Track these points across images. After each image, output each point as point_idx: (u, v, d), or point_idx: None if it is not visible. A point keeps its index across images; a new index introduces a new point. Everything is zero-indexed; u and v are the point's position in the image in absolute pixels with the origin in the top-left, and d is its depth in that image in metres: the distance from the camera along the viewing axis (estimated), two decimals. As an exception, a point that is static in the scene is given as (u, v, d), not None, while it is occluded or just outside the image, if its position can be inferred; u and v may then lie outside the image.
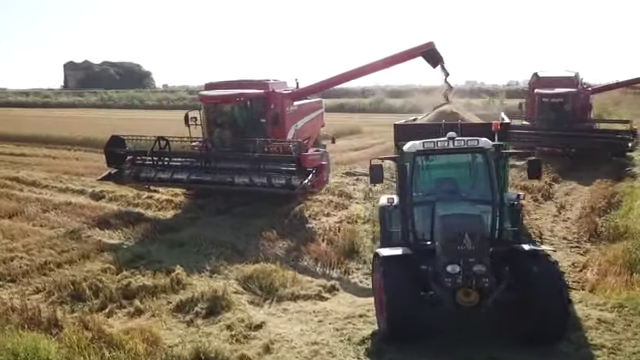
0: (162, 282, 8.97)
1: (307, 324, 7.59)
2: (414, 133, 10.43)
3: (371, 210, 14.13)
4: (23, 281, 9.50)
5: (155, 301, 8.46)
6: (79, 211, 14.50)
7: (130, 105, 68.53)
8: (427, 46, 14.10)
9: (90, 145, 27.80)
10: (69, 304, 8.48)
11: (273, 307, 8.29)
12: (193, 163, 14.55)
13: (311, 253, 10.73)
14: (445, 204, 7.31)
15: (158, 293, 8.73)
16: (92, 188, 17.38)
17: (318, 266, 10.21)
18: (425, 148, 7.63)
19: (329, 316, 7.76)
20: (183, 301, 8.25)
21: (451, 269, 6.35)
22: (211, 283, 8.94)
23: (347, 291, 8.92)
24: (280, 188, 13.19)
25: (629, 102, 37.24)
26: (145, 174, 14.60)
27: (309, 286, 8.89)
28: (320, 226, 12.94)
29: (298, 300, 8.46)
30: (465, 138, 7.61)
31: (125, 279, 9.10)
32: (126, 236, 12.26)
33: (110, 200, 15.96)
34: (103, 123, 38.67)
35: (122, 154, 14.64)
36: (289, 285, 8.87)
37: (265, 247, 11.34)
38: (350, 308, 8.01)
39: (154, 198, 15.69)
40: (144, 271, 9.49)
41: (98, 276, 9.17)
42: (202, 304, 8.16)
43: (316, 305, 8.26)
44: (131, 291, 8.66)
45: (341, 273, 9.83)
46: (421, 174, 7.90)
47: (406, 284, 6.43)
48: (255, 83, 15.57)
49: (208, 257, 10.62)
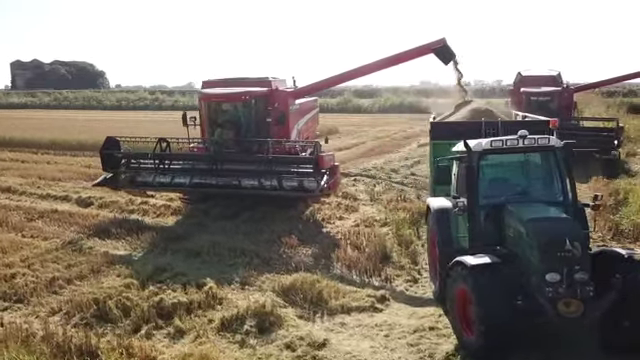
0: (196, 297, 8.16)
1: (374, 340, 6.98)
2: (452, 131, 10.09)
3: (385, 212, 13.69)
4: (33, 301, 8.45)
5: (194, 319, 7.64)
6: (70, 219, 13.35)
7: (87, 106, 65.72)
8: (439, 43, 13.73)
9: (59, 148, 26.34)
10: (96, 326, 7.53)
11: (327, 321, 7.63)
12: (194, 165, 13.65)
13: (341, 260, 10.12)
14: (522, 207, 6.87)
15: (194, 310, 7.92)
16: (76, 194, 16.17)
17: (354, 274, 9.62)
18: (493, 147, 7.17)
19: (394, 330, 7.18)
20: (227, 318, 7.47)
21: (551, 277, 5.89)
22: (251, 297, 8.19)
23: (398, 301, 8.36)
24: (295, 191, 12.51)
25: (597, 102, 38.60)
26: (142, 178, 13.58)
27: (358, 296, 8.27)
28: (337, 230, 12.36)
29: (352, 312, 7.83)
30: (535, 136, 7.19)
31: (155, 295, 8.21)
32: (132, 246, 11.29)
33: (100, 207, 14.82)
34: (67, 125, 36.78)
35: (119, 157, 13.56)
36: (337, 296, 8.23)
37: (289, 254, 10.65)
38: (413, 320, 7.46)
39: (150, 204, 14.70)
40: (172, 285, 8.62)
41: (123, 293, 8.23)
42: (250, 321, 7.42)
43: (374, 318, 7.66)
44: (165, 309, 7.79)
45: (382, 281, 9.27)
46: (486, 174, 7.43)
47: (501, 294, 5.93)
48: (257, 81, 14.79)
49: (233, 267, 9.87)
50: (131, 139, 14.40)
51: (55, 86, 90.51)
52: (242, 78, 15.18)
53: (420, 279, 9.36)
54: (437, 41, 13.73)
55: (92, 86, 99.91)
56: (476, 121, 10.06)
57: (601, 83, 26.43)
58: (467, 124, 10.21)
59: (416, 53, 14.08)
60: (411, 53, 14.13)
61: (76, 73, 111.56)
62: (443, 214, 7.99)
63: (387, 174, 19.64)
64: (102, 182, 13.43)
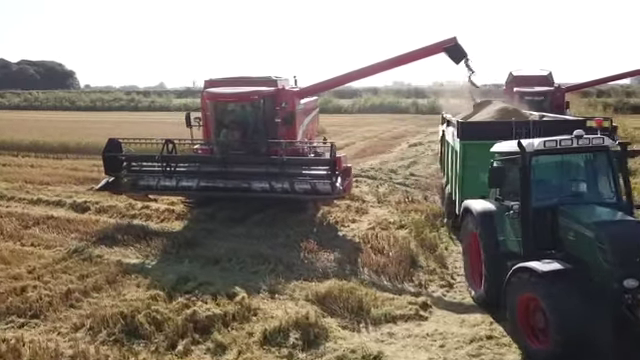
0: (230, 309, 7.68)
1: (429, 351, 6.65)
2: (483, 131, 9.85)
3: (397, 214, 13.42)
4: (50, 316, 7.83)
5: (232, 332, 7.17)
6: (69, 226, 12.64)
7: (60, 106, 63.77)
8: (450, 41, 13.49)
9: (40, 150, 25.25)
10: (127, 343, 7.00)
11: (373, 331, 7.26)
12: (200, 168, 13.11)
13: (368, 265, 9.77)
14: (580, 209, 6.65)
15: (230, 322, 7.44)
16: (69, 198, 15.40)
17: (384, 280, 9.27)
18: (547, 147, 6.92)
19: (448, 339, 6.86)
20: (270, 331, 7.03)
21: (629, 284, 5.66)
22: (287, 307, 7.77)
23: (439, 307, 8.05)
24: (309, 194, 12.14)
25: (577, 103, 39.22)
26: (145, 182, 12.97)
27: (399, 304, 7.91)
28: (354, 233, 12.01)
29: (397, 321, 7.48)
30: (590, 136, 6.98)
31: (185, 308, 7.70)
32: (143, 254, 10.70)
33: (98, 212, 14.12)
34: (44, 126, 35.41)
35: (122, 159, 12.91)
36: (377, 304, 7.87)
37: (310, 260, 10.25)
38: (465, 329, 7.15)
39: (152, 208, 14.06)
40: (201, 296, 8.12)
41: (152, 306, 7.69)
42: (294, 333, 7.00)
43: (422, 326, 7.33)
44: (200, 322, 7.30)
45: (416, 287, 8.95)
46: (536, 175, 7.17)
47: (576, 302, 5.68)
48: (262, 80, 14.31)
49: (257, 275, 9.40)
50: (133, 140, 13.70)
51: (23, 86, 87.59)
52: (246, 77, 14.67)
53: (455, 284, 9.09)
54: (448, 40, 13.49)
55: (62, 86, 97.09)
56: (507, 121, 9.85)
57: (591, 83, 26.78)
58: (497, 124, 9.97)
59: (427, 52, 13.81)
60: (421, 52, 13.85)
61: (45, 73, 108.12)
62: (487, 217, 7.73)
63: (387, 175, 19.40)
64: (104, 186, 12.76)
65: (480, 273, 8.18)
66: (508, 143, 7.91)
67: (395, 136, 32.96)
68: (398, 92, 64.14)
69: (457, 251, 10.74)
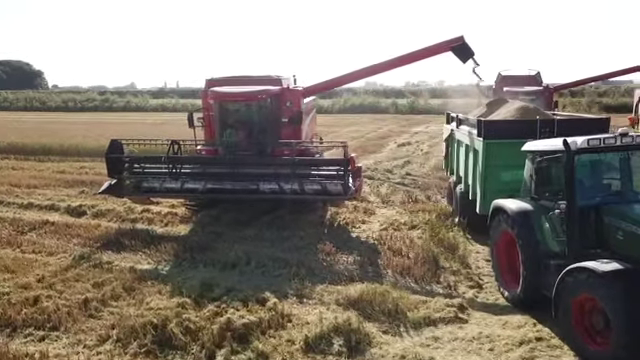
0: (264, 315, 7.38)
1: (480, 355, 6.48)
2: (507, 130, 9.78)
3: (406, 215, 13.29)
4: (71, 328, 7.36)
5: (271, 340, 6.87)
6: (68, 231, 12.10)
7: (30, 107, 61.89)
8: (457, 40, 13.38)
9: (20, 152, 24.37)
10: (160, 355, 6.63)
11: (416, 336, 7.05)
12: (205, 169, 12.70)
13: (392, 267, 9.58)
14: (629, 207, 6.59)
15: (266, 329, 7.14)
16: (62, 202, 14.81)
17: (410, 281, 9.08)
18: (590, 145, 6.84)
19: (496, 342, 6.70)
20: (311, 338, 6.76)
21: None
22: (321, 312, 7.51)
23: (476, 309, 7.89)
24: (321, 194, 11.91)
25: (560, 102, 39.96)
26: (149, 184, 12.49)
27: (436, 307, 7.71)
28: (367, 235, 11.82)
29: (438, 324, 7.30)
30: (633, 134, 6.93)
31: (217, 315, 7.37)
32: (154, 259, 10.28)
33: (96, 216, 13.59)
34: (19, 127, 34.16)
35: (126, 161, 12.41)
36: (413, 307, 7.68)
37: (329, 262, 10.01)
38: (510, 330, 7.01)
39: (153, 212, 13.61)
40: (231, 303, 7.78)
41: (183, 314, 7.32)
42: (337, 339, 6.76)
43: (465, 329, 7.15)
44: (237, 330, 6.97)
45: (445, 288, 8.79)
46: (578, 174, 7.09)
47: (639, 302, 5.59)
48: (267, 79, 13.98)
49: (280, 279, 9.13)
50: (137, 141, 13.20)
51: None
52: (249, 76, 14.30)
53: (483, 284, 8.97)
54: (456, 39, 13.38)
55: (30, 86, 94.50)
56: (531, 119, 9.79)
57: (577, 82, 27.22)
58: (522, 122, 9.90)
59: (433, 51, 13.69)
60: (428, 51, 13.72)
61: (12, 73, 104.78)
62: (525, 217, 7.62)
63: (384, 175, 19.32)
64: (107, 190, 12.21)
65: (514, 273, 8.10)
66: (543, 142, 7.82)
67: (381, 136, 32.96)
68: (376, 93, 64.34)
69: (475, 251, 10.68)
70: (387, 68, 14.18)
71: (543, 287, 7.22)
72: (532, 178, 7.88)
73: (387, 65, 14.04)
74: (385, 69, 14.30)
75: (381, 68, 14.22)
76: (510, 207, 7.89)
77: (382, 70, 14.33)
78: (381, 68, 14.22)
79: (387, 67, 14.13)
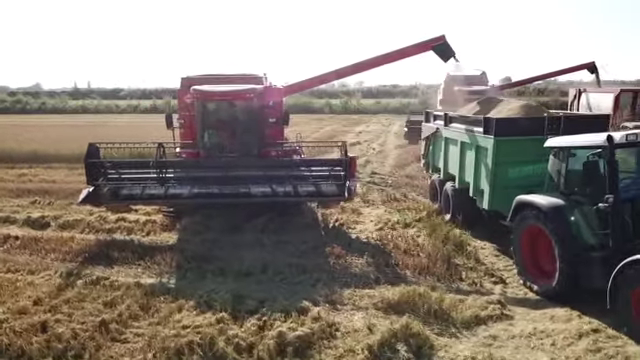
0: (312, 326, 6.98)
1: (545, 350, 6.48)
2: (516, 128, 9.98)
3: (394, 214, 13.31)
4: (99, 355, 6.55)
5: (331, 351, 6.51)
6: (40, 245, 10.92)
7: None
8: (439, 40, 13.57)
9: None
10: (217, 377, 6.06)
11: (472, 336, 6.96)
12: (189, 173, 11.93)
13: (410, 267, 9.46)
14: None
15: (318, 340, 6.75)
16: (17, 214, 13.44)
17: (433, 280, 8.96)
18: (628, 140, 7.10)
19: (554, 337, 6.72)
20: (373, 347, 6.46)
21: None
22: (372, 319, 7.26)
23: (511, 304, 7.94)
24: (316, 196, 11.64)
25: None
26: (128, 191, 11.53)
27: (477, 305, 7.68)
28: (366, 235, 11.68)
29: (488, 323, 7.26)
30: (663, 130, 7.28)
31: (263, 329, 6.87)
32: (154, 272, 9.47)
33: (63, 228, 12.36)
34: None
35: (108, 166, 11.35)
36: (456, 307, 7.59)
37: (344, 265, 9.72)
38: (561, 324, 7.07)
39: (129, 220, 12.59)
40: (273, 314, 7.29)
41: (226, 330, 6.75)
42: (399, 346, 6.51)
43: (515, 326, 7.14)
44: (292, 344, 6.51)
45: (471, 285, 8.80)
46: None
47: None
48: (248, 77, 13.40)
49: (302, 285, 8.74)
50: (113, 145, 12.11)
51: None
52: (227, 75, 13.67)
53: (506, 279, 9.09)
54: (437, 38, 13.55)
55: None
56: (539, 117, 10.06)
57: (521, 82, 28.64)
58: (530, 120, 10.12)
59: (416, 50, 13.76)
60: (411, 49, 13.78)
61: None
62: (559, 211, 7.77)
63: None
64: (86, 198, 11.08)
65: (540, 267, 8.31)
66: (575, 138, 8.01)
67: (328, 136, 32.89)
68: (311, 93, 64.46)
69: (479, 247, 10.82)
70: (370, 66, 14.10)
71: (583, 279, 7.41)
72: (560, 173, 8.08)
73: (370, 63, 13.97)
74: (366, 68, 14.21)
75: (362, 67, 14.12)
76: (541, 203, 8.02)
77: (363, 69, 14.24)
78: (362, 67, 14.12)
79: (370, 65, 14.05)
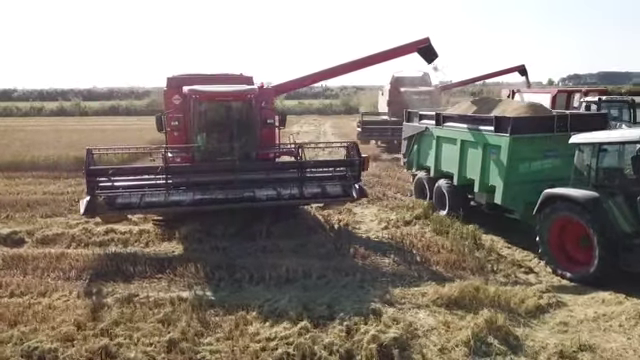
0: (398, 327, 6.92)
1: (617, 332, 6.87)
2: (530, 126, 10.58)
3: (389, 212, 13.55)
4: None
5: (427, 350, 6.52)
6: (33, 264, 9.77)
7: None
8: (424, 42, 13.97)
9: None
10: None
11: (543, 324, 7.28)
12: (189, 178, 11.28)
13: (442, 264, 9.68)
14: None
15: (407, 340, 6.73)
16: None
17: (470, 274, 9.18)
18: (660, 137, 7.82)
19: (616, 319, 7.10)
20: (468, 342, 6.56)
21: None
22: (439, 316, 7.39)
23: (555, 292, 8.40)
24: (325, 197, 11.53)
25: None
26: (124, 199, 10.66)
27: (530, 294, 8.02)
28: (375, 235, 11.82)
29: (551, 311, 7.63)
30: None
31: (353, 334, 6.72)
32: (182, 285, 8.86)
33: (43, 243, 11.20)
34: None
35: (109, 173, 10.40)
36: (515, 299, 7.89)
37: (376, 266, 9.74)
38: (615, 307, 7.51)
39: (120, 232, 11.65)
40: (350, 319, 7.13)
41: (318, 340, 6.50)
42: (490, 339, 6.68)
43: (576, 312, 7.56)
44: (389, 346, 6.41)
45: (506, 277, 9.18)
46: None
47: None
48: (238, 77, 12.97)
49: (348, 288, 8.60)
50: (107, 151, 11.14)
51: None
52: (214, 74, 13.14)
53: (534, 267, 9.62)
54: (422, 40, 13.94)
55: None
56: (550, 115, 10.69)
57: (461, 83, 30.14)
58: (540, 119, 10.74)
59: (400, 52, 14.04)
60: (395, 52, 14.04)
61: None
62: (595, 203, 8.32)
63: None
64: (88, 209, 10.05)
65: (576, 255, 8.91)
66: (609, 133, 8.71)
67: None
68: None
69: (489, 239, 11.28)
70: (353, 68, 14.23)
71: (624, 264, 8.06)
72: (591, 167, 8.70)
73: (353, 65, 14.10)
74: (351, 69, 14.31)
75: (347, 68, 14.20)
76: (576, 195, 8.57)
77: (348, 70, 14.32)
78: (347, 68, 14.20)
79: (353, 67, 14.19)
